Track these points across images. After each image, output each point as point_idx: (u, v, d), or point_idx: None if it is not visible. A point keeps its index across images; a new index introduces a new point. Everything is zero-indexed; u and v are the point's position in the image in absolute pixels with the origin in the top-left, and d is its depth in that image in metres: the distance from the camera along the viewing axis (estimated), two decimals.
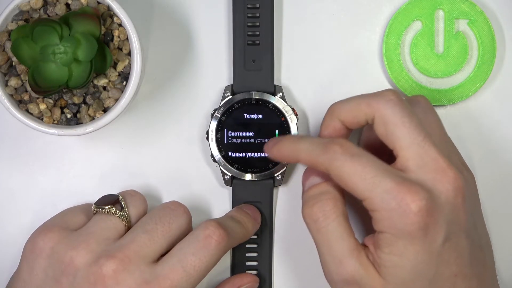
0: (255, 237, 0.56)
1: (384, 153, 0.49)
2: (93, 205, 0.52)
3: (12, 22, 0.51)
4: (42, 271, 0.50)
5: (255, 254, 0.56)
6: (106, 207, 0.51)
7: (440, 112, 0.57)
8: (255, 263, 0.56)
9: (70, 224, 0.52)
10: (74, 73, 0.50)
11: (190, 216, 0.52)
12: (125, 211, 0.51)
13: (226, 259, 0.57)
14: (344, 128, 0.50)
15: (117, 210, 0.51)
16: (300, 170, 0.57)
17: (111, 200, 0.52)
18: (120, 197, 0.52)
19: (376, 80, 0.57)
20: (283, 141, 0.50)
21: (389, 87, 0.57)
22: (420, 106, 0.50)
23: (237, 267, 0.56)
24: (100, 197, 0.53)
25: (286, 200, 0.57)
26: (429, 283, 0.46)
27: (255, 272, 0.56)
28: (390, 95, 0.48)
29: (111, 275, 0.48)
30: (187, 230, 0.51)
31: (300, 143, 0.49)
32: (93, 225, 0.51)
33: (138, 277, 0.48)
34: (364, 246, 0.48)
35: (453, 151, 0.50)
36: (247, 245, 0.56)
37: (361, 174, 0.46)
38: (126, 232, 0.51)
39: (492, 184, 0.57)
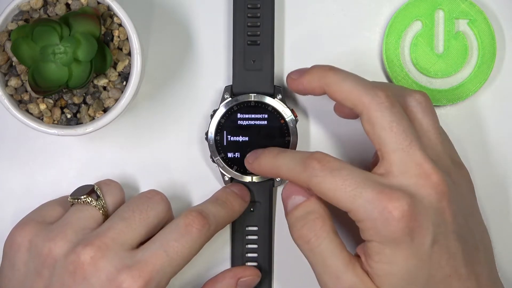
0: (254, 237, 0.56)
1: None
2: (69, 197, 0.52)
3: (12, 22, 0.51)
4: (23, 265, 0.50)
5: (254, 255, 0.56)
6: (82, 197, 0.51)
7: (440, 112, 0.57)
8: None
9: (46, 217, 0.52)
10: (74, 73, 0.50)
11: (168, 204, 0.52)
12: (101, 200, 0.52)
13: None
14: (320, 93, 0.50)
15: (93, 200, 0.51)
16: None
17: (87, 190, 0.52)
18: (96, 186, 0.52)
19: (376, 80, 0.57)
20: (263, 156, 0.51)
21: None
22: (418, 105, 0.50)
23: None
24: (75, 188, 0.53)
25: None
26: (424, 287, 0.46)
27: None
28: (383, 97, 0.47)
29: (89, 262, 0.48)
30: (166, 217, 0.52)
31: (279, 159, 0.49)
32: (69, 216, 0.51)
33: (118, 262, 0.48)
34: (357, 256, 0.48)
35: (446, 151, 0.50)
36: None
37: (341, 187, 0.46)
38: (104, 221, 0.51)
39: (491, 184, 0.57)
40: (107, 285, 0.47)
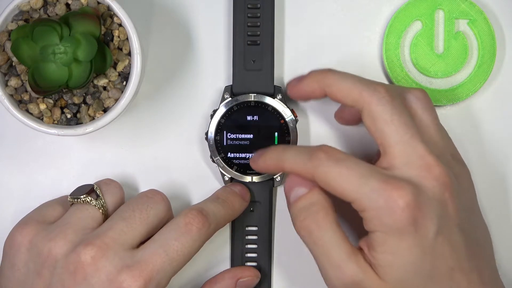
0: (254, 237, 0.56)
1: None
2: (69, 196, 0.52)
3: (12, 22, 0.51)
4: (23, 265, 0.50)
5: (254, 255, 0.56)
6: (82, 196, 0.51)
7: (440, 112, 0.57)
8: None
9: (47, 217, 0.52)
10: (74, 73, 0.50)
11: (168, 204, 0.52)
12: (101, 199, 0.52)
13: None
14: (321, 95, 0.51)
15: (92, 199, 0.51)
16: None
17: (86, 190, 0.52)
18: (95, 186, 0.52)
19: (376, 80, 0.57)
20: (269, 151, 0.51)
21: None
22: (418, 101, 0.50)
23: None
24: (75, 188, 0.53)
25: (285, 199, 0.57)
26: (427, 278, 0.46)
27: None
28: (383, 92, 0.48)
29: (90, 262, 0.48)
30: (166, 217, 0.52)
31: (286, 153, 0.50)
32: (69, 216, 0.51)
33: (118, 262, 0.48)
34: (360, 249, 0.48)
35: (446, 147, 0.50)
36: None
37: (347, 177, 0.46)
38: (104, 221, 0.51)
39: (491, 183, 0.57)
40: (107, 285, 0.47)
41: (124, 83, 0.52)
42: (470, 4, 0.56)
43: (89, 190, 0.52)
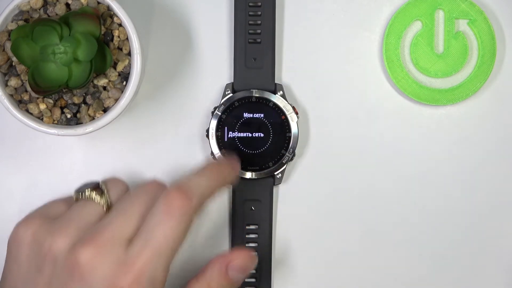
0: (254, 235, 0.56)
1: None
2: (74, 192, 0.51)
3: (12, 22, 0.51)
4: (26, 259, 0.49)
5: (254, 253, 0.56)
6: (86, 192, 0.51)
7: (440, 112, 0.57)
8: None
9: (51, 213, 0.51)
10: (74, 73, 0.50)
11: None
12: (106, 196, 0.51)
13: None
14: None
15: (97, 196, 0.50)
16: (300, 170, 0.57)
17: (91, 186, 0.51)
18: (101, 182, 0.52)
19: (376, 80, 0.57)
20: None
21: (389, 87, 0.57)
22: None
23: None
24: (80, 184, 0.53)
25: (285, 198, 0.57)
26: None
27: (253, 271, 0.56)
28: None
29: (86, 262, 0.47)
30: None
31: None
32: (73, 212, 0.50)
33: (113, 261, 0.47)
34: None
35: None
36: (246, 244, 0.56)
37: None
38: None
39: (492, 185, 0.57)
40: (102, 283, 0.47)
41: (124, 83, 0.52)
42: (470, 4, 0.56)
43: (94, 186, 0.51)
